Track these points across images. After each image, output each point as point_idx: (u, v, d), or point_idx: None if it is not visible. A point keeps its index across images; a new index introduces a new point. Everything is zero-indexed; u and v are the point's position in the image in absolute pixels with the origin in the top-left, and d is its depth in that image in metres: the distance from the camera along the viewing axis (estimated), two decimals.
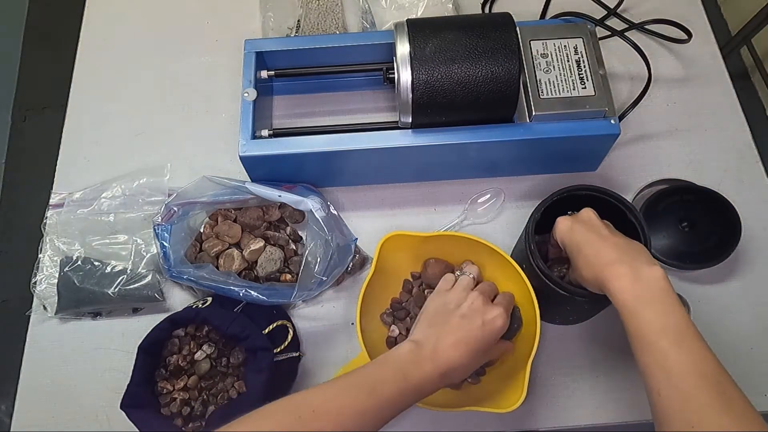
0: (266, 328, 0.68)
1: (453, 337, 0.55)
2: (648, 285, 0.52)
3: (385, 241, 0.69)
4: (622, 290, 0.52)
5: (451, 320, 0.57)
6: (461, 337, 0.55)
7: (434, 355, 0.54)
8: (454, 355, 0.54)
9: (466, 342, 0.55)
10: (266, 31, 0.92)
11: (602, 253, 0.56)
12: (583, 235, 0.58)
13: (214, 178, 0.75)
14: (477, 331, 0.56)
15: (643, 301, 0.51)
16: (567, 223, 0.60)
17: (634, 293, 0.52)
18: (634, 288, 0.52)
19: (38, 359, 0.76)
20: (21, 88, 1.93)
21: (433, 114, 0.70)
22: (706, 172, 0.82)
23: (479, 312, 0.58)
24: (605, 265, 0.54)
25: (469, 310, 0.58)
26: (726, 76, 0.89)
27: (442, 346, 0.55)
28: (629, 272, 0.53)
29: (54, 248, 0.79)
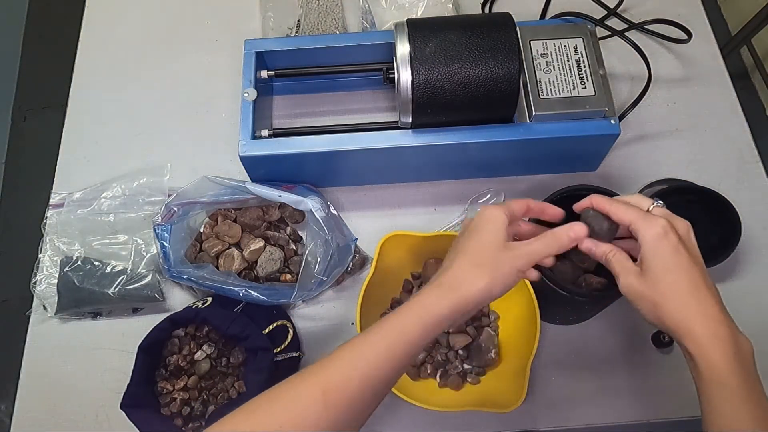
0: (266, 328, 0.68)
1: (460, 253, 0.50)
2: (746, 362, 0.45)
3: (385, 241, 0.69)
4: (724, 362, 0.44)
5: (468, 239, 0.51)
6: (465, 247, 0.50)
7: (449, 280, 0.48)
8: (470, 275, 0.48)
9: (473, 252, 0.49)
10: (266, 31, 0.92)
11: (703, 299, 0.46)
12: (684, 262, 0.47)
13: (214, 178, 0.75)
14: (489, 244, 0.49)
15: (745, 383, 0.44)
16: (673, 238, 0.48)
17: (740, 374, 0.44)
18: (737, 366, 0.44)
19: (38, 359, 0.76)
20: (21, 88, 1.93)
21: (433, 114, 0.70)
22: (706, 172, 0.82)
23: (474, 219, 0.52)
24: (705, 316, 0.46)
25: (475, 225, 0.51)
26: (726, 76, 0.89)
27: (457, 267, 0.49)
28: (731, 338, 0.45)
29: (54, 248, 0.79)
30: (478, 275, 0.47)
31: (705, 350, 0.45)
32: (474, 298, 0.47)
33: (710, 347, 0.45)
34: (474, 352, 0.71)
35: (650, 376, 0.71)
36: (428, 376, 0.71)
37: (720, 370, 0.44)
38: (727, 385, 0.44)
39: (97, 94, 0.92)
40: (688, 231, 0.50)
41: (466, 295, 0.47)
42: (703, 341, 0.45)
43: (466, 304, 0.47)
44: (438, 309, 0.47)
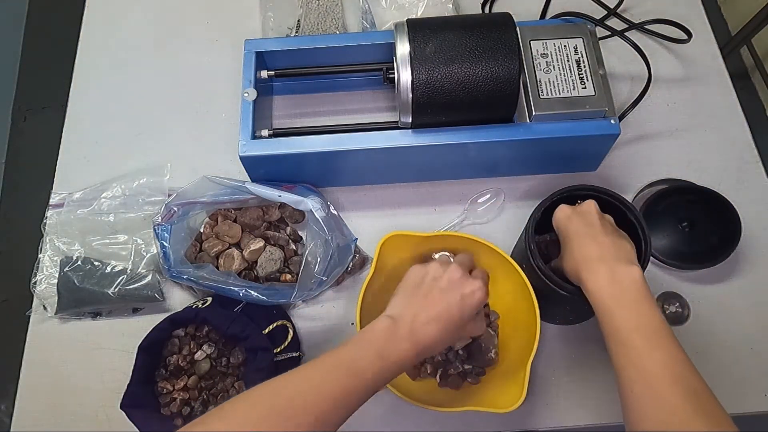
0: (266, 328, 0.68)
1: (432, 312, 0.54)
2: (624, 285, 0.53)
3: (385, 241, 0.69)
4: (598, 288, 0.54)
5: (430, 294, 0.55)
6: (440, 312, 0.54)
7: (411, 333, 0.52)
8: (431, 332, 0.53)
9: (445, 318, 0.54)
10: (266, 31, 0.92)
11: (586, 248, 0.57)
12: (576, 227, 0.59)
13: (214, 178, 0.75)
14: (456, 305, 0.55)
15: (618, 300, 0.53)
16: (566, 212, 0.62)
17: (610, 292, 0.53)
18: (609, 287, 0.53)
19: (38, 359, 0.76)
20: (21, 88, 1.93)
21: (433, 114, 0.70)
22: (706, 172, 0.82)
23: (458, 285, 0.56)
24: (585, 260, 0.56)
25: (448, 284, 0.56)
26: (726, 76, 0.89)
27: (420, 322, 0.53)
28: (606, 271, 0.54)
29: (54, 248, 0.79)
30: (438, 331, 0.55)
31: (587, 285, 0.55)
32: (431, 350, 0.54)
33: (590, 282, 0.55)
34: (474, 352, 0.71)
35: None
36: (428, 376, 0.71)
37: (596, 294, 0.54)
38: (602, 304, 0.53)
39: (97, 94, 0.92)
40: (589, 205, 0.61)
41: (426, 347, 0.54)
42: (585, 279, 0.55)
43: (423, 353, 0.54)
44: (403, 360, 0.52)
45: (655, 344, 0.50)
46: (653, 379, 0.48)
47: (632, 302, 0.52)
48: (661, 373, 0.48)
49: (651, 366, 0.48)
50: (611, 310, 0.53)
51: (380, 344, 0.51)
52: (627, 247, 0.57)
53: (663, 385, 0.47)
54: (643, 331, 0.50)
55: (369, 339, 0.52)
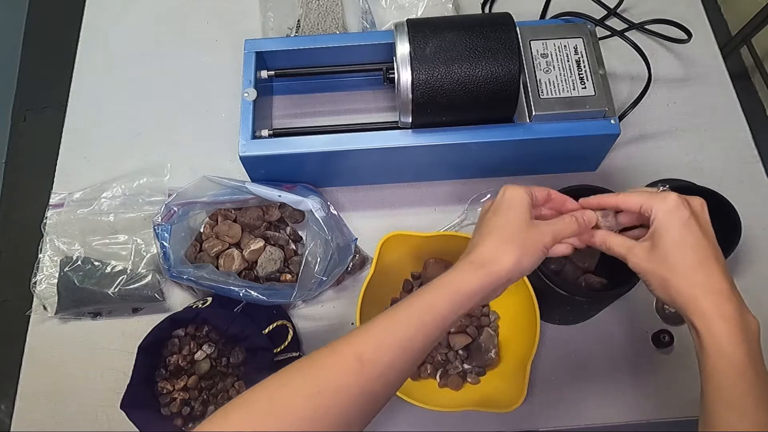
0: (266, 328, 0.68)
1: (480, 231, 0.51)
2: (750, 338, 0.45)
3: (385, 241, 0.69)
4: (722, 334, 0.44)
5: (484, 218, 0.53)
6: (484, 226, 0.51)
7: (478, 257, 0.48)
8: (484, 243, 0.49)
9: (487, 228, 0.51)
10: (266, 31, 0.92)
11: (712, 274, 0.46)
12: (696, 238, 0.47)
13: (214, 178, 0.75)
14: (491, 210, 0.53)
15: (752, 358, 0.44)
16: (684, 212, 0.48)
17: (745, 348, 0.44)
18: (744, 341, 0.44)
19: (38, 359, 0.76)
20: (21, 88, 1.93)
21: (433, 114, 0.70)
22: (706, 172, 0.82)
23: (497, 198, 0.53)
24: (712, 291, 0.46)
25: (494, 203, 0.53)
26: (726, 76, 0.89)
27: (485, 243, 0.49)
28: (738, 317, 0.45)
29: (54, 248, 0.79)
30: (507, 251, 0.48)
31: (710, 325, 0.45)
32: (504, 273, 0.47)
33: (716, 322, 0.45)
34: (474, 352, 0.71)
35: (650, 376, 0.71)
36: (428, 376, 0.71)
37: (724, 344, 0.44)
38: (729, 359, 0.44)
39: (97, 94, 0.92)
40: (702, 206, 0.50)
41: (496, 270, 0.47)
42: (709, 316, 0.45)
43: (497, 279, 0.47)
44: (468, 285, 0.47)
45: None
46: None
47: (755, 355, 0.44)
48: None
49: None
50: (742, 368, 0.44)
51: (448, 275, 0.48)
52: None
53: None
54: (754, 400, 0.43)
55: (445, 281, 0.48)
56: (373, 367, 0.44)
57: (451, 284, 0.47)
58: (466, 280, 0.47)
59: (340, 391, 0.43)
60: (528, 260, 0.48)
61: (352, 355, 0.44)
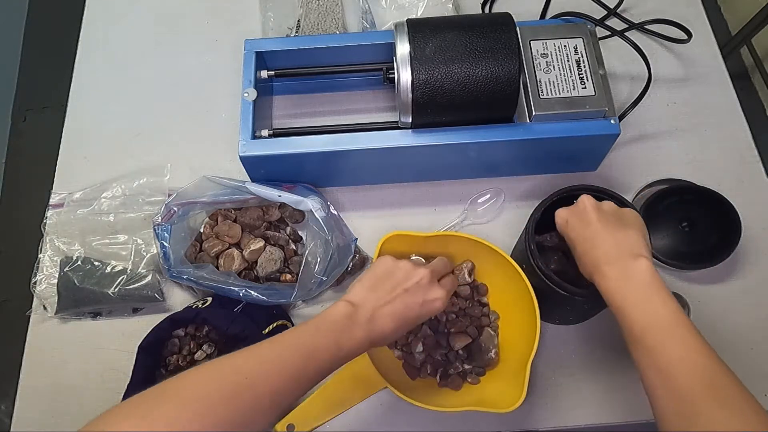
0: (266, 328, 0.68)
1: (391, 308, 0.55)
2: (634, 282, 0.52)
3: (385, 241, 0.69)
4: (610, 292, 0.53)
5: (394, 290, 0.56)
6: (399, 310, 0.55)
7: (369, 324, 0.54)
8: (387, 326, 0.54)
9: (403, 316, 0.55)
10: (266, 31, 0.92)
11: (592, 253, 0.56)
12: (576, 232, 0.59)
13: (214, 178, 0.75)
14: (416, 308, 0.56)
15: (629, 300, 0.52)
16: (563, 216, 0.61)
17: (621, 294, 0.52)
18: (620, 288, 0.53)
19: (38, 359, 0.76)
20: (21, 88, 1.93)
21: (433, 114, 0.70)
22: (706, 172, 0.82)
23: (423, 290, 0.57)
24: (594, 265, 0.55)
25: (415, 286, 0.57)
26: (726, 76, 0.89)
27: (380, 314, 0.54)
28: (615, 272, 0.53)
29: (54, 248, 0.79)
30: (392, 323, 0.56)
31: (604, 294, 0.54)
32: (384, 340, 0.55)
33: (605, 290, 0.54)
34: (474, 352, 0.71)
35: None
36: (428, 376, 0.71)
37: (609, 296, 0.54)
38: (616, 305, 0.53)
39: (97, 94, 0.92)
40: (582, 201, 0.60)
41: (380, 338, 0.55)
42: (601, 288, 0.55)
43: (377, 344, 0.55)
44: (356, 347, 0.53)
45: (670, 341, 0.49)
46: (670, 378, 0.47)
47: (643, 299, 0.51)
48: (676, 369, 0.47)
49: (667, 364, 0.48)
50: (623, 311, 0.52)
51: (337, 332, 0.52)
52: (631, 238, 0.56)
53: (680, 381, 0.46)
54: (656, 329, 0.49)
55: (329, 325, 0.53)
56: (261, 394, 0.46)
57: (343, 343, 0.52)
58: (358, 344, 0.53)
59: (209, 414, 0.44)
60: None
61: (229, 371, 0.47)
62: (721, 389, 0.46)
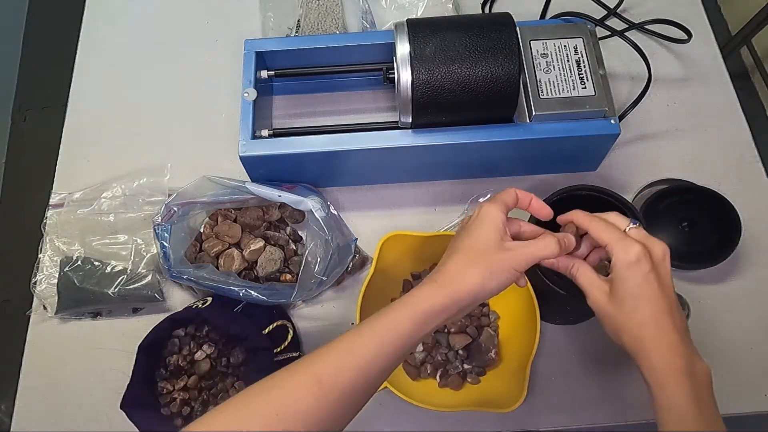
0: (266, 328, 0.68)
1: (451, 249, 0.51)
2: (701, 384, 0.46)
3: (385, 241, 0.69)
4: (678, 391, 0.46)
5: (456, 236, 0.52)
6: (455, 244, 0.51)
7: (444, 274, 0.49)
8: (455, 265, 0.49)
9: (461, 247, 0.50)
10: (266, 31, 0.92)
11: (664, 327, 0.47)
12: (653, 292, 0.48)
13: (214, 178, 0.75)
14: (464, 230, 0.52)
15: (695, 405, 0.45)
16: (645, 267, 0.48)
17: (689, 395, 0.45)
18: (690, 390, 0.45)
19: (38, 359, 0.76)
20: (21, 88, 1.93)
21: (433, 114, 0.70)
22: (706, 172, 0.82)
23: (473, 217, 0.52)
24: (662, 345, 0.47)
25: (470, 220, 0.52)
26: (726, 76, 0.89)
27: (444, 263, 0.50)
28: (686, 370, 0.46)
29: (54, 248, 0.79)
30: (472, 272, 0.48)
31: (660, 379, 0.46)
32: (468, 294, 0.48)
33: (666, 377, 0.46)
34: (474, 352, 0.71)
35: None
36: (428, 376, 0.71)
37: (673, 399, 0.45)
38: (677, 413, 0.45)
39: (97, 94, 0.92)
40: (664, 256, 0.50)
41: (459, 289, 0.48)
42: (659, 370, 0.46)
43: (459, 300, 0.48)
44: (430, 304, 0.47)
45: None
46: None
47: (706, 406, 0.45)
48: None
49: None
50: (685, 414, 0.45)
51: (413, 296, 0.49)
52: (687, 327, 0.49)
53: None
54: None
55: (406, 296, 0.49)
56: (332, 389, 0.44)
57: (415, 303, 0.48)
58: (430, 299, 0.48)
59: (299, 414, 0.43)
60: (494, 282, 0.48)
61: (311, 377, 0.44)
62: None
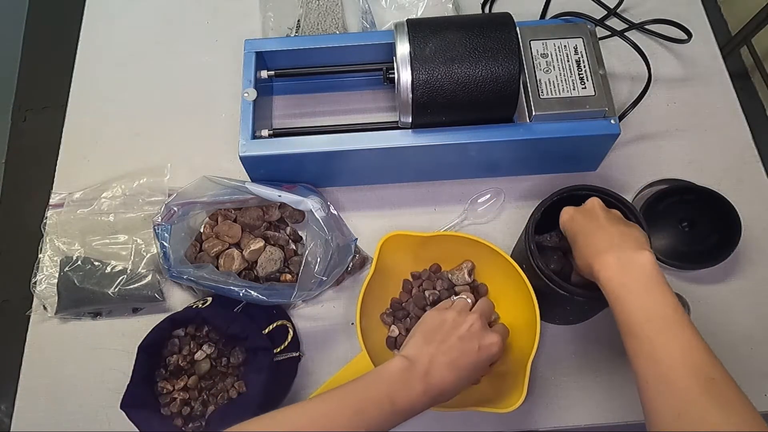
0: (266, 328, 0.68)
1: (448, 358, 0.54)
2: (634, 272, 0.52)
3: (385, 241, 0.69)
4: (609, 279, 0.52)
5: (448, 340, 0.55)
6: (456, 359, 0.54)
7: (427, 376, 0.52)
8: (447, 377, 0.53)
9: (461, 365, 0.54)
10: (266, 31, 0.92)
11: (594, 242, 0.56)
12: (580, 225, 0.59)
13: (214, 178, 0.75)
14: (473, 354, 0.55)
15: (629, 288, 0.51)
16: (570, 212, 0.61)
17: (620, 281, 0.52)
18: (620, 276, 0.52)
19: (38, 359, 0.76)
20: (21, 88, 1.93)
21: (433, 114, 0.70)
22: (706, 172, 0.82)
23: (477, 335, 0.57)
24: (595, 254, 0.55)
25: (468, 333, 0.56)
26: (726, 76, 0.89)
27: (437, 366, 0.53)
28: (616, 261, 0.53)
29: (54, 248, 0.79)
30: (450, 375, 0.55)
31: (599, 278, 0.54)
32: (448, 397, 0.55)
33: (601, 274, 0.53)
34: None
35: None
36: None
37: (608, 285, 0.53)
38: (614, 294, 0.52)
39: (97, 94, 0.92)
40: (591, 201, 0.61)
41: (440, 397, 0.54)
42: (599, 275, 0.54)
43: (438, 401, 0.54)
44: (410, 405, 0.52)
45: (669, 334, 0.48)
46: (667, 371, 0.46)
47: (643, 290, 0.50)
48: (674, 364, 0.46)
49: (664, 357, 0.47)
50: (622, 299, 0.51)
51: (393, 386, 0.51)
52: (636, 234, 0.55)
53: (677, 376, 0.46)
54: (655, 321, 0.49)
55: (383, 379, 0.51)
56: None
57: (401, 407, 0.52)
58: (417, 401, 0.52)
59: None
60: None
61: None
62: (719, 389, 0.45)
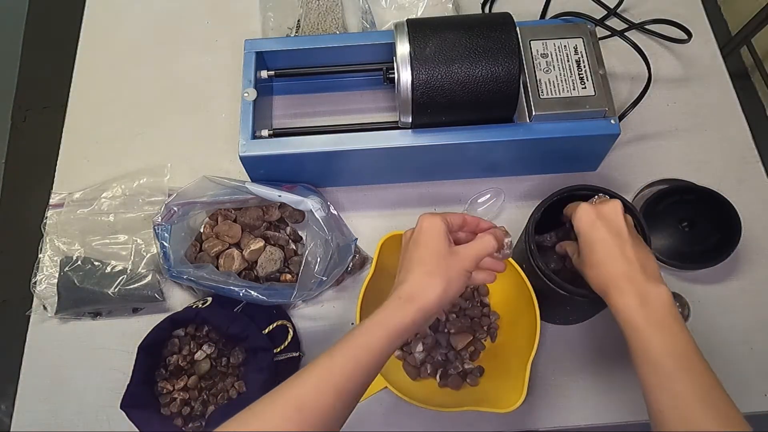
0: (266, 328, 0.68)
1: (407, 263, 0.53)
2: (654, 306, 0.52)
3: (385, 241, 0.69)
4: (628, 309, 0.52)
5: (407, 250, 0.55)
6: (410, 258, 0.53)
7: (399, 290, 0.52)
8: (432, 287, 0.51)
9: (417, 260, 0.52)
10: (266, 31, 0.92)
11: (613, 264, 0.54)
12: (602, 237, 0.56)
13: (214, 178, 0.75)
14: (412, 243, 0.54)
15: (648, 322, 0.51)
16: (591, 217, 0.57)
17: (640, 313, 0.52)
18: (640, 308, 0.52)
19: (38, 359, 0.76)
20: (21, 88, 1.93)
21: (433, 114, 0.70)
22: (706, 172, 0.82)
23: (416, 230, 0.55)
24: (613, 277, 0.54)
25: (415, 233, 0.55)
26: (726, 76, 0.89)
27: (402, 277, 0.52)
28: (636, 291, 0.52)
29: (54, 248, 0.79)
30: (433, 284, 0.51)
31: (615, 302, 0.53)
32: (433, 304, 0.51)
33: (618, 299, 0.53)
34: (474, 352, 0.71)
35: None
36: (428, 376, 0.71)
37: (626, 314, 0.52)
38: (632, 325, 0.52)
39: (97, 94, 0.92)
40: (613, 207, 0.57)
41: (425, 303, 0.51)
42: (612, 296, 0.53)
43: (426, 311, 0.51)
44: (401, 322, 0.50)
45: (686, 367, 0.49)
46: (683, 403, 0.48)
47: (663, 324, 0.51)
48: (691, 397, 0.48)
49: (681, 389, 0.48)
50: (642, 331, 0.51)
51: (383, 312, 0.51)
52: (653, 263, 0.55)
53: (693, 408, 0.47)
54: (673, 354, 0.50)
55: (376, 312, 0.51)
56: (312, 414, 0.46)
57: (385, 322, 0.50)
58: (398, 317, 0.50)
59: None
60: (454, 288, 0.52)
61: (290, 404, 0.46)
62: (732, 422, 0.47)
